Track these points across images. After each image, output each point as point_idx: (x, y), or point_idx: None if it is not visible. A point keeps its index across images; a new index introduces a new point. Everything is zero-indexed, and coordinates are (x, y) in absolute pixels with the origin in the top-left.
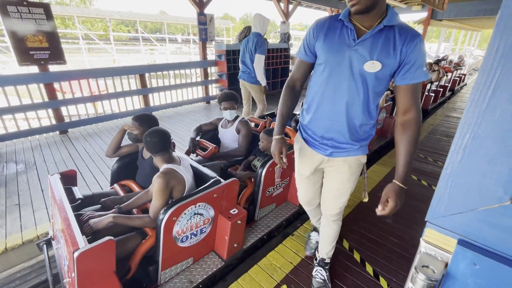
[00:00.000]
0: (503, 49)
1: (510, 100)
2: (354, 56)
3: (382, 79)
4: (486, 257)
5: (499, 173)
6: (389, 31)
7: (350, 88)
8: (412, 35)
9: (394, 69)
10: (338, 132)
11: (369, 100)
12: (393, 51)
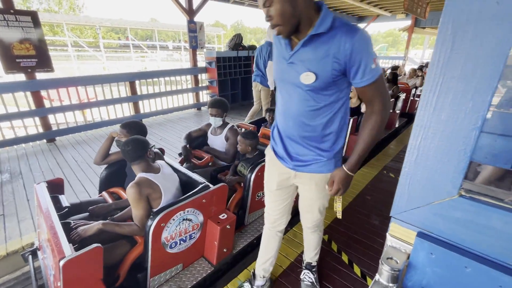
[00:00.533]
0: (443, 61)
1: (453, 103)
2: (292, 69)
3: (325, 88)
4: (441, 247)
5: (447, 170)
6: (321, 38)
7: (297, 101)
8: (347, 37)
9: (335, 75)
10: (297, 145)
11: (319, 111)
12: (325, 58)
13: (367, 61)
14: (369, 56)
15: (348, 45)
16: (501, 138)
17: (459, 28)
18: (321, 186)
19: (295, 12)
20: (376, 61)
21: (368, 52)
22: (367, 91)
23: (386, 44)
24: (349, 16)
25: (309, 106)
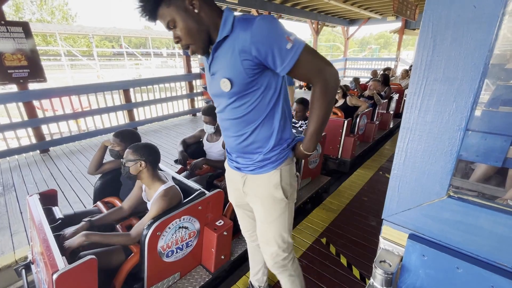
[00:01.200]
0: (426, 63)
1: (437, 105)
2: (214, 80)
3: (246, 90)
4: (432, 248)
5: (435, 171)
6: (227, 41)
7: (227, 111)
8: (245, 30)
9: (252, 74)
10: (238, 155)
11: (251, 117)
12: (234, 60)
13: (279, 44)
14: (279, 38)
15: (248, 37)
16: (490, 137)
17: (439, 32)
18: (268, 206)
19: (200, 26)
20: (291, 38)
21: (274, 35)
22: (299, 72)
23: (378, 46)
24: (340, 19)
25: (238, 113)
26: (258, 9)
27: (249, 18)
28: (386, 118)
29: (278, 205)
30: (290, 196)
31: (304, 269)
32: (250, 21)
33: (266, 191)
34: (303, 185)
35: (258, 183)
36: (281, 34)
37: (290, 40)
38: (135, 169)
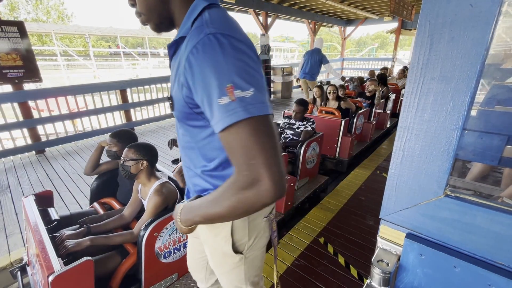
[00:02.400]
0: (422, 62)
1: (434, 104)
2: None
3: (187, 119)
4: (430, 247)
5: (432, 170)
6: (183, 43)
7: (179, 133)
8: (190, 43)
9: (192, 106)
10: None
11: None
12: (175, 77)
13: (210, 92)
14: (214, 82)
15: (186, 56)
16: (486, 136)
17: (436, 31)
18: (216, 257)
19: (164, 6)
20: (234, 93)
21: (211, 74)
22: (223, 143)
23: (376, 44)
24: (337, 19)
25: (184, 143)
26: (255, 9)
27: (203, 25)
28: (383, 118)
29: (228, 260)
30: (248, 249)
31: (302, 268)
32: (199, 31)
33: (212, 240)
34: (301, 185)
35: (204, 229)
36: (222, 77)
37: (230, 93)
38: (135, 168)
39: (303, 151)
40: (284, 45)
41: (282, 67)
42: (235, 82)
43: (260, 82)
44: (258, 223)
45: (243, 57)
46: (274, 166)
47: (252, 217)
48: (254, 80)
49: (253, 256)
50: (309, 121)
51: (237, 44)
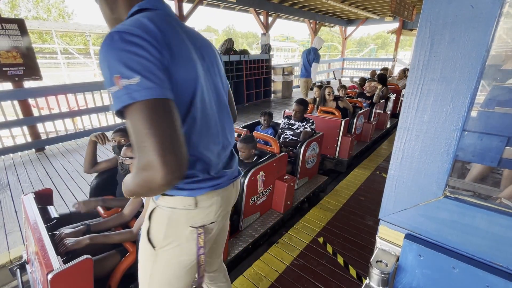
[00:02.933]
0: (423, 62)
1: (434, 105)
2: None
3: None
4: (429, 248)
5: (432, 171)
6: None
7: None
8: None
9: None
10: None
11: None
12: None
13: (106, 82)
14: (107, 71)
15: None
16: (486, 137)
17: (436, 32)
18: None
19: (113, 14)
20: (121, 82)
21: (106, 64)
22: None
23: (376, 46)
24: (338, 19)
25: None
26: (256, 8)
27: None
28: (383, 118)
29: (144, 247)
30: (161, 248)
31: (301, 268)
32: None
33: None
34: (301, 184)
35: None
36: (111, 69)
37: (117, 82)
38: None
39: (303, 151)
40: (284, 44)
41: (282, 67)
42: (121, 72)
43: (150, 69)
44: (181, 230)
45: (133, 48)
46: (165, 150)
47: (174, 218)
48: (142, 68)
49: (165, 261)
50: (308, 122)
51: (129, 37)
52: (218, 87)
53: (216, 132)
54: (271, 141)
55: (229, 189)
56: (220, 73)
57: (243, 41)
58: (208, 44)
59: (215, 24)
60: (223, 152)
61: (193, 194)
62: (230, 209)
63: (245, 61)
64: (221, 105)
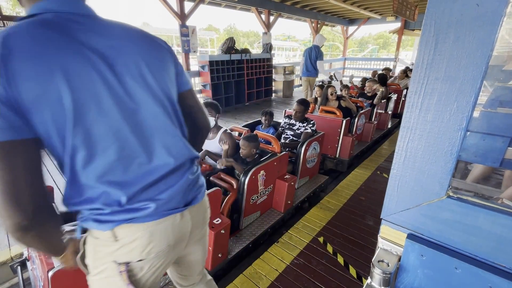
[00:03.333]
0: (427, 61)
1: (438, 104)
2: None
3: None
4: (431, 248)
5: (435, 171)
6: None
7: None
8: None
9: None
10: None
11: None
12: None
13: None
14: None
15: None
16: (489, 137)
17: (441, 31)
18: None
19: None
20: None
21: None
22: None
23: (377, 46)
24: (340, 18)
25: None
26: (257, 7)
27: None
28: (384, 118)
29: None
30: (90, 271)
31: (301, 267)
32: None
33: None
34: (301, 184)
35: None
36: None
37: None
38: None
39: (304, 150)
40: (286, 44)
41: (283, 66)
42: None
43: None
44: (105, 263)
45: None
46: (6, 201)
47: (97, 249)
48: None
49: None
50: (309, 123)
51: None
52: (140, 97)
53: (131, 154)
54: (272, 140)
55: (169, 222)
56: (151, 76)
57: (244, 40)
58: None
59: (216, 23)
60: (148, 177)
61: (104, 227)
62: (182, 244)
63: (246, 60)
64: (148, 119)
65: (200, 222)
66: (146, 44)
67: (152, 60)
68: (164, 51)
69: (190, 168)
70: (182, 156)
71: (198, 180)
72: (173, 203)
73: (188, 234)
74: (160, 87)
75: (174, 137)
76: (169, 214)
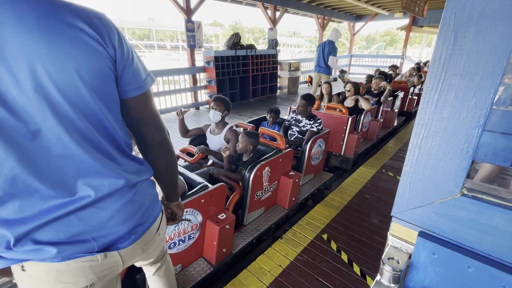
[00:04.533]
0: (445, 56)
1: (455, 101)
2: None
3: None
4: (443, 246)
5: (449, 168)
6: None
7: None
8: None
9: None
10: None
11: None
12: None
13: None
14: None
15: None
16: (501, 137)
17: (461, 24)
18: None
19: None
20: None
21: None
22: None
23: (384, 43)
24: (347, 14)
25: None
26: (264, 2)
27: None
28: (390, 116)
29: None
30: None
31: (305, 264)
32: None
33: None
34: (305, 181)
35: None
36: None
37: None
38: None
39: (309, 148)
40: (291, 40)
41: (289, 62)
42: None
43: None
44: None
45: None
46: None
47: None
48: None
49: None
50: (316, 121)
51: None
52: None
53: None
54: (278, 137)
55: (85, 263)
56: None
57: (249, 36)
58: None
59: (221, 18)
60: (52, 213)
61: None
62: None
63: (252, 56)
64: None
65: (137, 254)
66: (52, 36)
67: (60, 61)
68: (88, 44)
69: (123, 198)
70: (109, 186)
71: (136, 212)
72: (87, 245)
73: (121, 268)
74: (70, 101)
75: (92, 165)
76: (81, 257)
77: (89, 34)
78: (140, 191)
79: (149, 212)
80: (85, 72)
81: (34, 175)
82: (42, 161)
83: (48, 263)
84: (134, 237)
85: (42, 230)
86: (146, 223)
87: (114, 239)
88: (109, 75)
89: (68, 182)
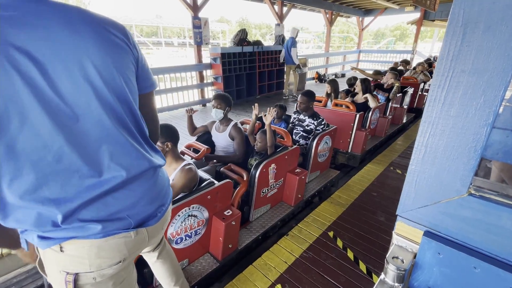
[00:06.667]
0: (453, 53)
1: (463, 98)
2: None
3: None
4: (449, 246)
5: (456, 167)
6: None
7: None
8: None
9: None
10: None
11: None
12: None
13: None
14: None
15: None
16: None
17: (471, 20)
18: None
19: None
20: None
21: None
22: None
23: (394, 38)
24: (355, 9)
25: None
26: None
27: None
28: (399, 113)
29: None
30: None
31: (310, 261)
32: None
33: None
34: (312, 178)
35: None
36: None
37: None
38: (162, 150)
39: (315, 145)
40: (299, 35)
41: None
42: None
43: None
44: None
45: None
46: None
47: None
48: None
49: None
50: (320, 124)
51: None
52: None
53: (68, 167)
54: (284, 134)
55: (121, 240)
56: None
57: (256, 32)
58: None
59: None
60: (92, 191)
61: (43, 245)
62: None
63: (258, 52)
64: (91, 127)
65: (158, 232)
66: (96, 37)
67: (103, 57)
68: (120, 45)
69: (149, 180)
70: (137, 167)
71: (159, 194)
72: (124, 222)
73: (145, 245)
74: (111, 89)
75: (125, 146)
76: (120, 233)
77: (120, 38)
78: (160, 175)
79: (168, 194)
80: (120, 65)
81: (78, 153)
82: (83, 142)
83: (91, 240)
84: (159, 216)
85: (85, 208)
86: (166, 203)
87: (145, 217)
88: (133, 71)
89: (103, 162)
